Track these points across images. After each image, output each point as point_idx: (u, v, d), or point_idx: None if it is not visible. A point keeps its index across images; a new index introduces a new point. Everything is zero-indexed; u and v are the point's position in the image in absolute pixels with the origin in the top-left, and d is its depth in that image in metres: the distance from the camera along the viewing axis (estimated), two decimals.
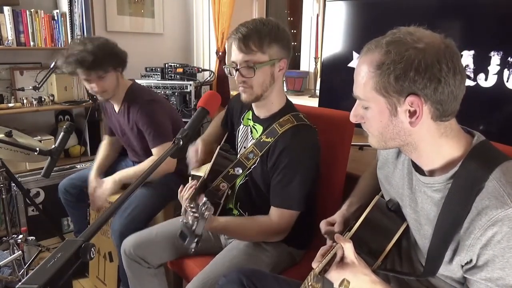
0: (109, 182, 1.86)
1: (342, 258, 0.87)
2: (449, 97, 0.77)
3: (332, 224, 1.15)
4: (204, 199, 1.04)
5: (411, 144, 0.84)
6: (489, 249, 0.74)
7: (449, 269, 0.83)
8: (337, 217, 1.15)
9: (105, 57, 1.73)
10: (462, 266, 0.81)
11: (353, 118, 0.89)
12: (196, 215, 0.98)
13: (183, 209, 1.30)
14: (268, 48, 1.23)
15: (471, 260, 0.78)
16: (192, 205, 1.00)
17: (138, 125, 1.85)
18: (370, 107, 0.83)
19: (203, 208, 0.99)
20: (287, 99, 1.40)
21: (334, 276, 0.85)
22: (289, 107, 1.37)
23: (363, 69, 0.81)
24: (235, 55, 1.25)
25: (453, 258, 0.81)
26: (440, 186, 0.83)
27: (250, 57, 1.23)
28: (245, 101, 1.33)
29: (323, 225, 1.15)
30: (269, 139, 1.32)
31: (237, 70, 1.26)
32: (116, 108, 1.96)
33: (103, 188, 1.86)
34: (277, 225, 1.29)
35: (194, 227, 0.97)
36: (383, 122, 0.82)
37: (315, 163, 1.33)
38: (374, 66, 0.79)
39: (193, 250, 0.98)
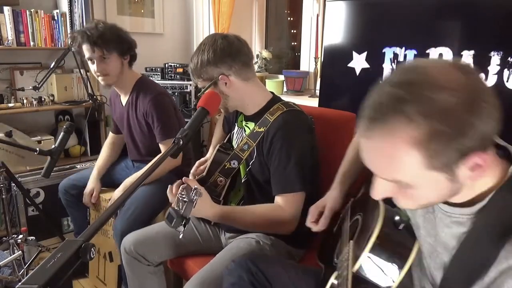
0: (122, 186, 1.87)
1: None
2: (494, 127, 0.62)
3: (321, 213, 1.17)
4: (195, 186, 1.05)
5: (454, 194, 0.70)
6: None
7: None
8: (327, 205, 1.15)
9: (111, 38, 1.76)
10: None
11: (380, 196, 0.71)
12: (185, 199, 0.99)
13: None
14: (202, 75, 1.33)
15: None
16: (183, 192, 1.00)
17: (147, 117, 1.85)
18: (418, 186, 0.66)
19: (192, 193, 1.00)
20: (273, 94, 1.44)
21: None
22: (276, 99, 1.41)
23: (388, 149, 0.63)
24: None
25: None
26: (462, 219, 0.70)
27: (200, 85, 1.38)
28: (225, 114, 1.53)
29: (310, 215, 1.17)
30: (261, 129, 1.34)
31: None
32: (123, 100, 1.96)
33: (118, 191, 1.88)
34: (286, 211, 1.29)
35: (182, 210, 0.97)
36: (438, 192, 0.67)
37: (309, 142, 1.34)
38: (411, 141, 0.60)
39: (181, 233, 0.99)
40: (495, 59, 1.51)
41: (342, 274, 0.86)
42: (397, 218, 0.86)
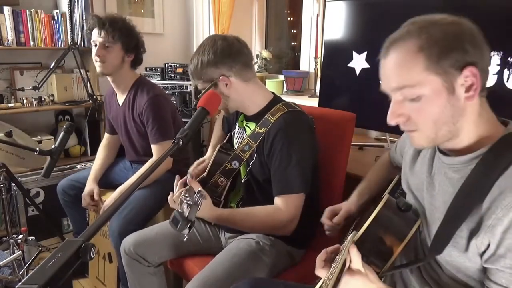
0: (116, 192, 1.88)
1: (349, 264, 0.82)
2: (489, 63, 0.77)
3: (336, 214, 1.15)
4: (199, 188, 1.05)
5: (457, 130, 0.79)
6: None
7: (464, 257, 0.78)
8: (343, 207, 1.14)
9: (121, 29, 1.79)
10: (481, 256, 0.75)
11: (395, 119, 0.80)
12: (190, 202, 0.99)
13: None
14: (202, 77, 1.34)
15: (489, 246, 0.73)
16: (186, 195, 1.01)
17: (143, 118, 1.85)
18: (422, 94, 0.76)
19: (197, 196, 1.00)
20: (274, 94, 1.44)
21: (342, 285, 0.80)
22: (277, 99, 1.41)
23: (399, 58, 0.77)
24: None
25: (469, 242, 0.76)
26: (461, 166, 0.80)
27: (200, 86, 1.37)
28: (226, 116, 1.53)
29: (326, 213, 1.17)
30: (262, 130, 1.34)
31: None
32: (120, 99, 1.96)
33: (111, 198, 1.88)
34: (285, 212, 1.29)
35: (186, 213, 0.97)
36: (440, 106, 0.76)
37: (309, 143, 1.34)
38: (417, 48, 0.75)
39: (186, 236, 0.99)
40: (495, 59, 1.51)
41: (343, 249, 0.87)
42: (401, 202, 0.91)
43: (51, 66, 2.35)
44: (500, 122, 0.83)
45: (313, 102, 2.40)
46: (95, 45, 1.81)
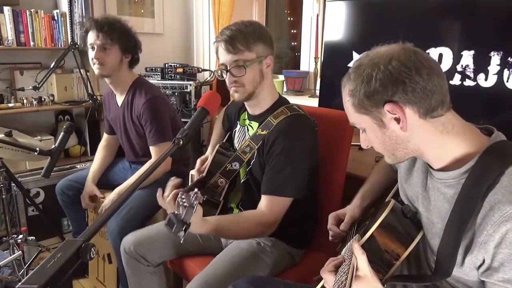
0: (114, 194, 1.88)
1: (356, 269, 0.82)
2: (424, 92, 0.78)
3: (341, 219, 1.14)
4: (195, 189, 1.05)
5: (416, 149, 0.85)
6: (504, 247, 0.71)
7: (461, 271, 0.80)
8: (347, 213, 1.13)
9: (119, 31, 1.80)
10: (477, 269, 0.77)
11: (363, 144, 0.93)
12: (186, 204, 0.99)
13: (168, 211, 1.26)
14: (254, 46, 1.28)
15: (484, 261, 0.75)
16: (183, 197, 1.00)
17: (141, 119, 1.85)
18: (365, 128, 0.88)
19: (193, 198, 0.99)
20: (279, 94, 1.43)
21: None
22: (282, 101, 1.40)
23: (344, 101, 0.89)
24: (224, 57, 1.29)
25: (465, 258, 0.78)
26: (453, 181, 0.82)
27: (239, 57, 1.27)
28: (238, 100, 1.37)
29: (331, 219, 1.15)
30: (264, 132, 1.33)
31: (227, 71, 1.29)
32: (119, 100, 1.96)
33: (109, 199, 1.88)
34: (269, 214, 1.27)
35: (182, 215, 0.97)
36: (379, 138, 0.86)
37: (310, 149, 1.33)
38: (348, 95, 0.86)
39: (182, 238, 0.99)
40: (495, 59, 1.51)
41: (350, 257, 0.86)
42: (406, 209, 0.93)
43: (51, 66, 2.35)
44: (485, 130, 0.85)
45: (313, 102, 2.40)
46: (92, 48, 1.80)
